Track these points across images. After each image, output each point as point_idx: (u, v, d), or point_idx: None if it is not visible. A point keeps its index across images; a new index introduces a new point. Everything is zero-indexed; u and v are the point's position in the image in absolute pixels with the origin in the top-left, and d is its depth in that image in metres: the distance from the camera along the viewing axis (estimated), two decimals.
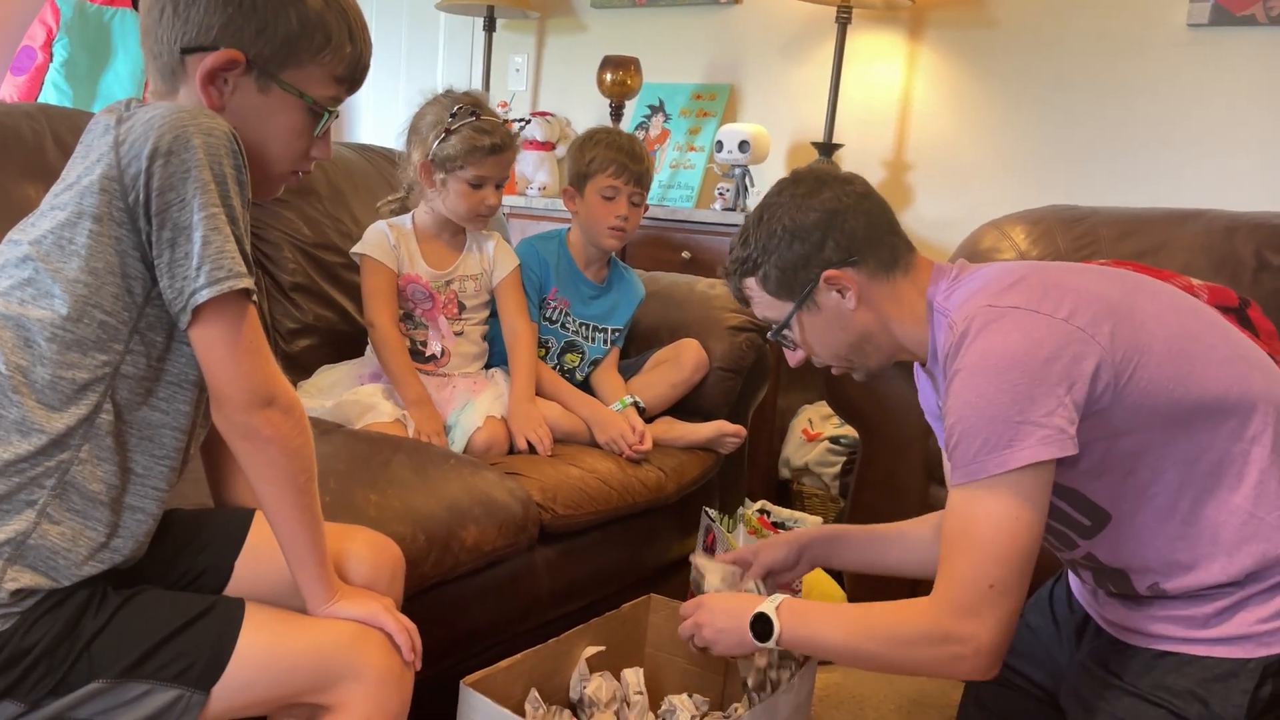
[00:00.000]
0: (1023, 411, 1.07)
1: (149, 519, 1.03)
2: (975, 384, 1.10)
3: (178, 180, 0.95)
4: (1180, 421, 1.13)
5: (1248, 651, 1.13)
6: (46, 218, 1.01)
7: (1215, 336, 1.19)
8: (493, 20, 3.60)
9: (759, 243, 1.31)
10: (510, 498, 1.67)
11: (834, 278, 1.27)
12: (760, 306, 1.36)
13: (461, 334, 2.02)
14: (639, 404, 2.08)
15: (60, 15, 3.36)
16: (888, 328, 1.29)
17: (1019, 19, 2.83)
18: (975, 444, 1.09)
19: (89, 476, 0.98)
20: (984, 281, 1.21)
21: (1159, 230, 2.23)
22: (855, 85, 3.05)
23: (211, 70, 1.02)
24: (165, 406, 1.03)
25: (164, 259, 0.96)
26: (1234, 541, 1.13)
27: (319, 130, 1.09)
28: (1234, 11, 2.51)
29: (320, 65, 1.06)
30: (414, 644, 1.10)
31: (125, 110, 1.02)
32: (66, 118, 1.83)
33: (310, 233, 2.11)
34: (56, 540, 0.97)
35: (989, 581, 1.09)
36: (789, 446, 2.83)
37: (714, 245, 2.91)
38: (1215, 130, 2.58)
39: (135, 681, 0.98)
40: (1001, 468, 1.08)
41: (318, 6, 1.05)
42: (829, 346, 1.33)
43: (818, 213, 1.28)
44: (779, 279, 1.30)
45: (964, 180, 2.91)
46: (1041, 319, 1.11)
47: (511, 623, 1.72)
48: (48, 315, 0.97)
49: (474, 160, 1.90)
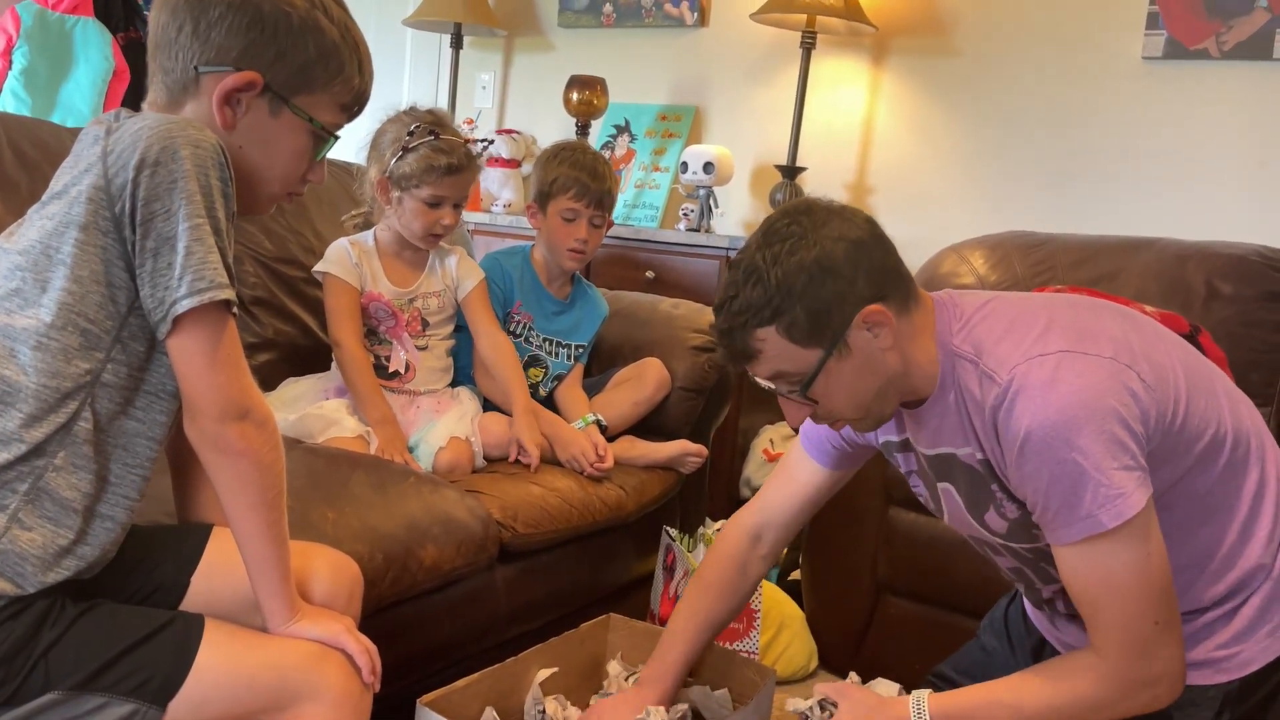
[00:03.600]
0: (1117, 457, 1.06)
1: (118, 527, 1.03)
2: (1062, 440, 1.06)
3: (164, 190, 0.96)
4: (1202, 457, 1.14)
5: (1206, 678, 1.15)
6: (34, 227, 1.01)
7: (1210, 371, 1.21)
8: (460, 37, 3.61)
9: (780, 283, 1.11)
10: (470, 516, 1.67)
11: (872, 314, 1.13)
12: (774, 361, 1.16)
13: (426, 349, 2.02)
14: (601, 422, 2.09)
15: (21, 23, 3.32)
16: (909, 368, 1.18)
17: (980, 49, 2.88)
18: (1084, 499, 1.07)
19: (63, 484, 0.98)
20: (1008, 324, 1.16)
21: (1113, 257, 2.27)
22: (819, 109, 3.08)
23: (229, 91, 1.03)
24: (142, 416, 1.03)
25: (147, 268, 0.97)
26: (1217, 571, 1.16)
27: (319, 155, 1.11)
28: (1187, 45, 2.57)
29: (330, 93, 1.09)
30: (374, 665, 1.09)
31: (115, 121, 1.03)
32: (25, 128, 1.81)
33: (272, 246, 2.10)
34: (26, 546, 0.96)
35: (1153, 619, 1.09)
36: (750, 466, 2.84)
37: (678, 265, 2.93)
38: (1169, 161, 2.64)
39: (91, 694, 0.97)
40: (1119, 519, 1.06)
41: (334, 37, 1.07)
42: (855, 396, 1.18)
43: (844, 243, 1.13)
44: (809, 323, 1.12)
45: (924, 205, 2.95)
46: (1092, 360, 1.09)
47: (469, 641, 1.71)
48: (32, 324, 0.97)
49: (430, 180, 1.89)
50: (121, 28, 3.53)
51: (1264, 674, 1.15)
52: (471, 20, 3.48)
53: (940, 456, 1.24)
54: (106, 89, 3.42)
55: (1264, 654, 1.15)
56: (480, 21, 3.50)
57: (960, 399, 1.17)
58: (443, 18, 3.49)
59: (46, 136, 1.81)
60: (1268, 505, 1.17)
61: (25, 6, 3.32)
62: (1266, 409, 2.10)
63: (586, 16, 3.55)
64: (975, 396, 1.14)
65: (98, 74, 3.42)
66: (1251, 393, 1.84)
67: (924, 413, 1.22)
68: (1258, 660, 1.15)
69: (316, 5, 1.06)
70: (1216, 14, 2.53)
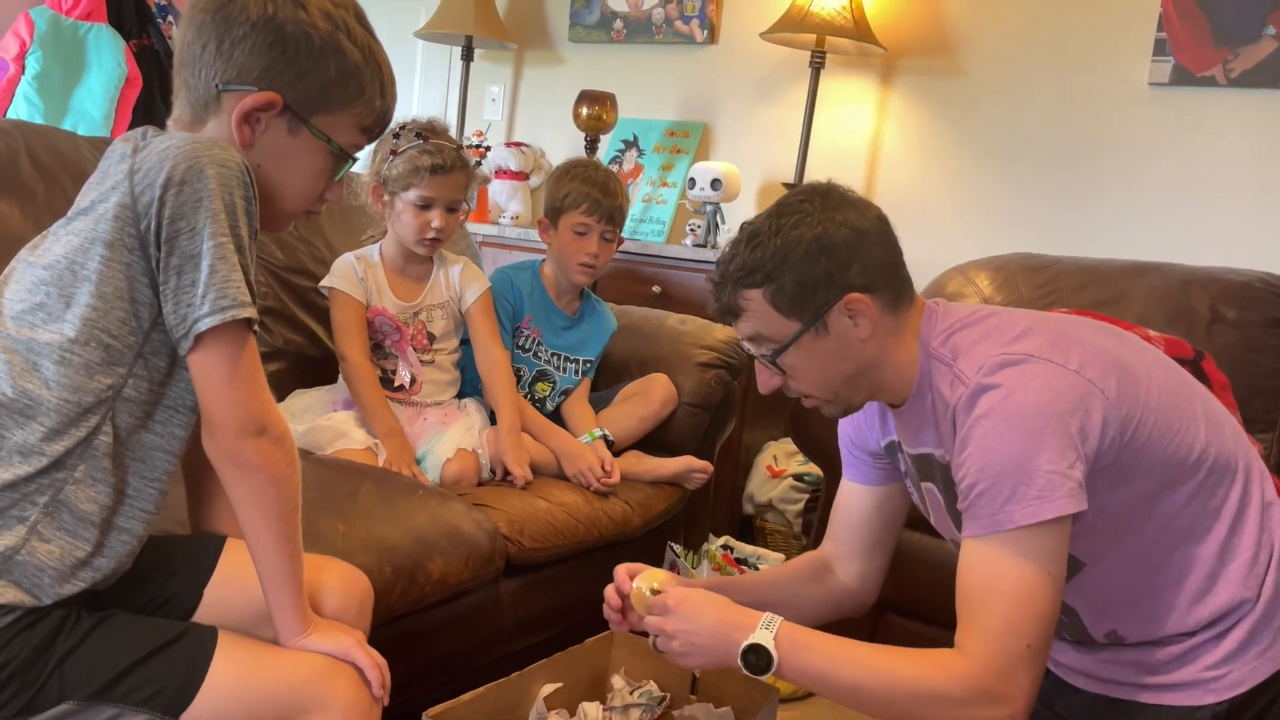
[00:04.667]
0: (1051, 462, 1.05)
1: (134, 540, 1.04)
2: (1001, 431, 1.06)
3: (189, 209, 0.97)
4: (1169, 478, 1.14)
5: (1196, 699, 1.15)
6: (61, 242, 1.02)
7: (1192, 393, 1.21)
8: (471, 50, 3.63)
9: (778, 251, 1.17)
10: (477, 529, 1.68)
11: (854, 302, 1.17)
12: (755, 322, 1.21)
13: (432, 363, 2.03)
14: (608, 437, 2.10)
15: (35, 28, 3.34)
16: (884, 364, 1.22)
17: (988, 71, 2.90)
18: (1003, 493, 1.05)
19: (82, 496, 0.99)
20: (986, 331, 1.18)
21: (1118, 281, 2.29)
22: (826, 128, 3.10)
23: (248, 110, 1.04)
24: (161, 430, 1.04)
25: (170, 285, 0.98)
26: (1197, 593, 1.16)
27: (338, 175, 1.12)
28: (1194, 72, 2.59)
29: (350, 114, 1.09)
30: (384, 679, 1.10)
31: (141, 139, 1.04)
32: (43, 136, 1.82)
33: (283, 256, 2.12)
34: (44, 558, 0.97)
35: (1026, 641, 1.05)
36: (753, 482, 2.85)
37: (684, 280, 2.94)
38: (1174, 186, 2.65)
39: (105, 705, 0.98)
40: (1032, 519, 1.04)
41: (356, 59, 1.07)
42: (824, 376, 1.22)
43: (849, 229, 1.17)
44: (795, 294, 1.17)
45: (930, 225, 2.96)
46: (1055, 369, 1.09)
47: (474, 654, 1.72)
48: (55, 338, 0.99)
49: (417, 180, 1.90)
50: (134, 34, 3.54)
51: (1254, 695, 1.15)
52: (482, 33, 3.50)
53: (922, 456, 1.26)
54: (119, 95, 3.44)
55: (1253, 675, 1.15)
56: (491, 35, 3.52)
57: (934, 401, 1.20)
58: (454, 30, 3.51)
59: (63, 145, 1.83)
60: (1248, 528, 1.17)
61: (39, 12, 3.34)
62: (1269, 435, 2.11)
63: (597, 32, 3.57)
64: (945, 398, 1.16)
65: (110, 80, 3.44)
66: (1254, 419, 1.85)
67: (905, 413, 1.25)
68: (1247, 681, 1.15)
69: (340, 27, 1.06)
70: (1224, 42, 2.54)
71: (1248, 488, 1.19)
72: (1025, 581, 1.05)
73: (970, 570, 1.10)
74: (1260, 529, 1.18)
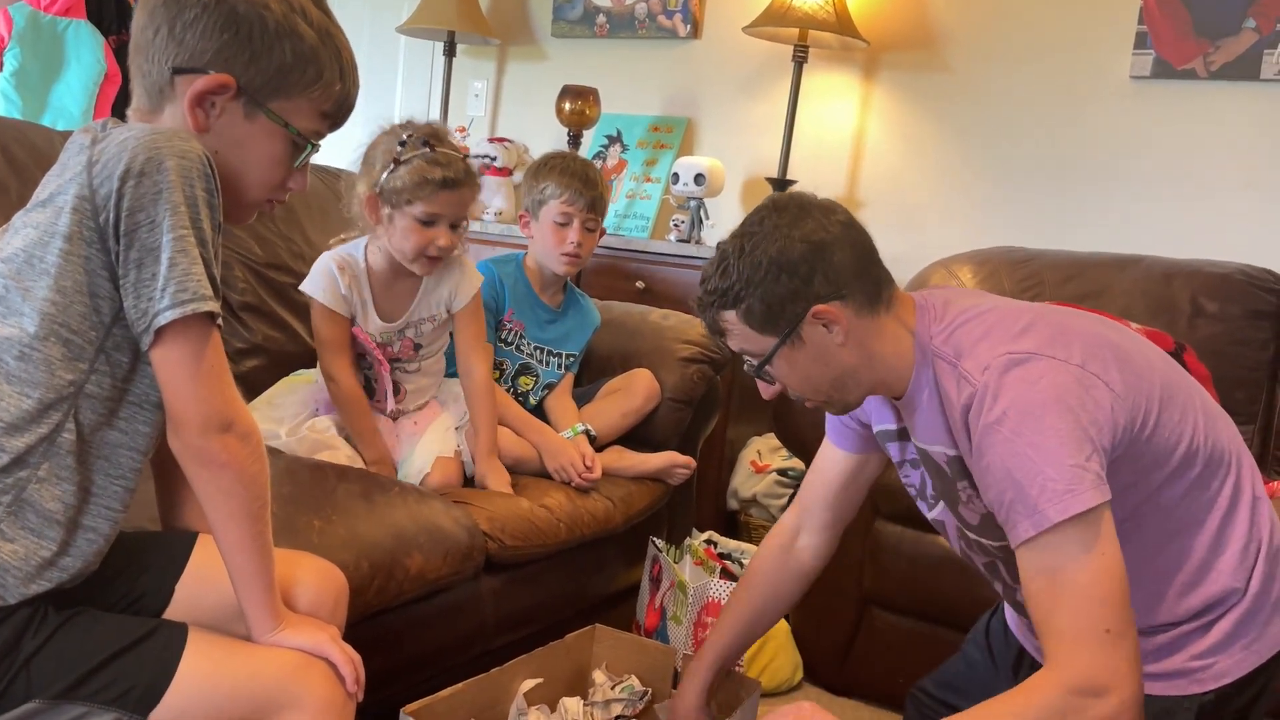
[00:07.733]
0: (1070, 455, 1.06)
1: (101, 539, 1.02)
2: (1018, 435, 1.08)
3: (149, 201, 0.95)
4: (1171, 469, 1.15)
5: (1181, 689, 1.16)
6: (19, 235, 1.00)
7: (1189, 384, 1.22)
8: (453, 45, 3.61)
9: (741, 274, 1.21)
10: (456, 526, 1.67)
11: (822, 313, 1.20)
12: (738, 340, 1.26)
13: (418, 370, 1.98)
14: (590, 432, 2.09)
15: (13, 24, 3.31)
16: (871, 363, 1.24)
17: (970, 66, 2.90)
18: (1032, 493, 1.06)
19: (47, 495, 0.97)
20: (988, 327, 1.18)
21: (1101, 274, 2.29)
22: (810, 123, 3.10)
23: (201, 93, 1.02)
24: (125, 427, 1.03)
25: (130, 278, 0.96)
26: (1188, 584, 1.16)
27: (298, 162, 1.10)
28: (1175, 65, 2.59)
29: (308, 99, 1.07)
30: (358, 675, 1.08)
31: (101, 130, 1.02)
32: (16, 130, 1.80)
33: (261, 252, 2.10)
34: (8, 558, 0.95)
35: (1104, 627, 1.04)
36: (737, 478, 2.84)
37: (668, 276, 2.93)
38: (1156, 179, 2.66)
39: (73, 703, 0.96)
40: (1066, 513, 1.05)
41: (312, 42, 1.05)
42: (810, 382, 1.26)
43: (805, 244, 1.20)
44: (764, 313, 1.21)
45: (913, 219, 2.96)
46: (1060, 365, 1.10)
47: (454, 651, 1.71)
48: (16, 333, 0.97)
49: (424, 194, 1.76)
50: (114, 30, 3.52)
51: (1240, 685, 1.16)
52: (465, 29, 3.49)
53: (932, 451, 1.27)
54: (98, 91, 3.41)
55: (1239, 666, 1.15)
56: (474, 30, 3.51)
57: (937, 398, 1.21)
58: (436, 25, 3.49)
59: (37, 139, 1.81)
60: (1239, 521, 1.18)
61: (18, 8, 3.31)
62: (1250, 427, 2.12)
63: (580, 27, 3.56)
64: (951, 397, 1.17)
65: (89, 76, 3.41)
66: (1235, 410, 1.86)
67: (907, 406, 1.27)
68: (1233, 672, 1.15)
69: (295, 9, 1.04)
70: (1205, 34, 2.55)
71: (1239, 480, 1.19)
72: (1081, 572, 1.06)
73: (1029, 578, 1.10)
74: (1250, 522, 1.18)
